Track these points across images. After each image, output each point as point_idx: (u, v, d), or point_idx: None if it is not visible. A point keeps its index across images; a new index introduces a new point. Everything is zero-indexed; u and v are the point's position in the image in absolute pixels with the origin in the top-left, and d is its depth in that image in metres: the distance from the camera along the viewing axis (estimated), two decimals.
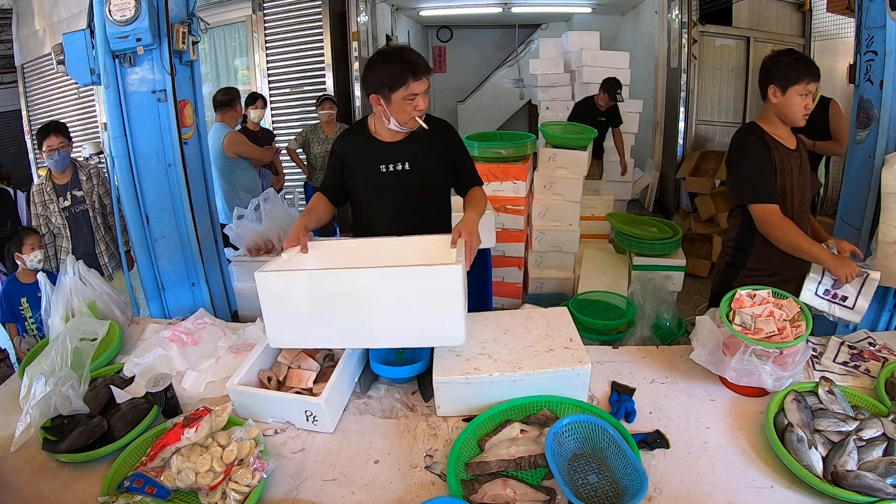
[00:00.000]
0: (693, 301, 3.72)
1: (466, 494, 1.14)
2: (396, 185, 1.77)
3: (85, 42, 1.92)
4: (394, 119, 1.66)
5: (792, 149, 1.80)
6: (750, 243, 1.84)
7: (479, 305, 2.88)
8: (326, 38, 5.30)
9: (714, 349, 1.48)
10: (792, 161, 1.78)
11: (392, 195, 1.78)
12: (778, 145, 1.77)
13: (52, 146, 2.65)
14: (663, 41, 5.43)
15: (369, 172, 1.77)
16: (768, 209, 1.73)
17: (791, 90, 1.70)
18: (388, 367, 1.56)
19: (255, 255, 2.70)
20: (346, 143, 1.81)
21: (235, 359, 1.69)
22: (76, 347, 1.58)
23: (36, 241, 2.47)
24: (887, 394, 1.41)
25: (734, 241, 1.91)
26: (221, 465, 1.17)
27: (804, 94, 1.69)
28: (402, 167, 1.76)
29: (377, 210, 1.82)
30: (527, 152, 3.20)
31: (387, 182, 1.77)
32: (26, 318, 2.52)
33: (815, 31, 5.08)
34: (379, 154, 1.76)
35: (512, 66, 8.99)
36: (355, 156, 1.78)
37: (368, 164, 1.76)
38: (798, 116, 1.73)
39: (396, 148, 1.76)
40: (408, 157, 1.76)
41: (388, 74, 1.59)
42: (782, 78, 1.71)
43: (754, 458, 1.26)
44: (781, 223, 1.72)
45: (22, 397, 1.48)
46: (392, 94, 1.60)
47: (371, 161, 1.76)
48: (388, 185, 1.77)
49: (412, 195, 1.80)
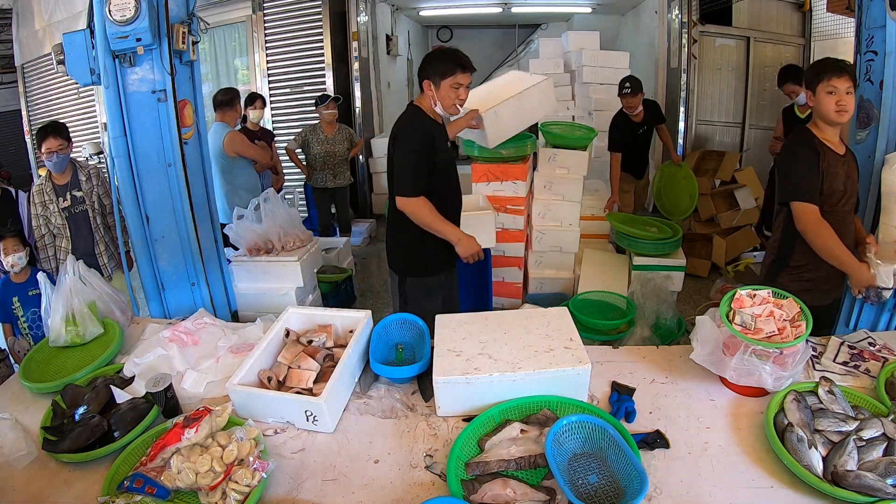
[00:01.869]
0: (693, 301, 3.72)
1: (466, 494, 1.14)
2: (454, 157, 2.18)
3: (85, 42, 1.92)
4: (440, 103, 2.00)
5: (840, 154, 1.83)
6: (793, 241, 1.88)
7: (479, 305, 2.89)
8: (326, 38, 5.30)
9: (714, 349, 1.48)
10: (839, 166, 1.81)
11: (454, 166, 2.17)
12: (827, 150, 1.80)
13: (51, 148, 2.64)
14: (663, 41, 5.43)
15: (446, 150, 2.11)
16: (808, 209, 1.77)
17: (818, 89, 1.77)
18: (388, 367, 1.56)
19: (255, 255, 2.71)
20: (427, 129, 2.01)
21: (235, 359, 1.69)
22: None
23: (10, 245, 2.40)
24: (887, 394, 1.41)
25: (779, 240, 1.95)
26: (221, 465, 1.17)
27: (831, 91, 1.75)
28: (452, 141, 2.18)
29: (450, 181, 2.15)
30: (527, 152, 3.20)
31: (452, 156, 2.17)
32: (18, 317, 2.52)
33: (815, 31, 5.07)
34: (445, 133, 2.14)
35: (512, 66, 8.98)
36: (438, 137, 2.05)
37: (444, 143, 2.11)
38: (830, 113, 1.77)
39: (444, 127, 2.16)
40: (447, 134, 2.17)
41: (441, 65, 1.94)
42: (811, 80, 1.80)
43: (754, 458, 1.26)
44: (818, 225, 1.76)
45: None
46: (442, 81, 1.94)
47: (444, 140, 2.12)
48: (453, 158, 2.17)
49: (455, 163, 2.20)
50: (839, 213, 1.82)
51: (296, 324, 1.76)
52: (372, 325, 1.69)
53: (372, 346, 1.62)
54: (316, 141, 4.29)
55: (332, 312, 1.76)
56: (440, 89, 1.96)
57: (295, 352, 1.59)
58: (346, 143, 4.40)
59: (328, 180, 4.38)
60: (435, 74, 1.95)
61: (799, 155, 1.81)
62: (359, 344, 1.58)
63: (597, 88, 5.13)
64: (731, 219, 4.29)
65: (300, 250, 2.78)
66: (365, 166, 5.89)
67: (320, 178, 4.38)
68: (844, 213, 1.85)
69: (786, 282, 1.86)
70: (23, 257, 2.43)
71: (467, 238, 2.05)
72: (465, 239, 2.05)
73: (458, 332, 1.58)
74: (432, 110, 2.04)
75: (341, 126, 4.42)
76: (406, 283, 2.19)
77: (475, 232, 2.11)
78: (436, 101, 1.99)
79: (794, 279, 1.89)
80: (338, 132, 4.35)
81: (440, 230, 2.01)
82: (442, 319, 1.66)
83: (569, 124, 4.13)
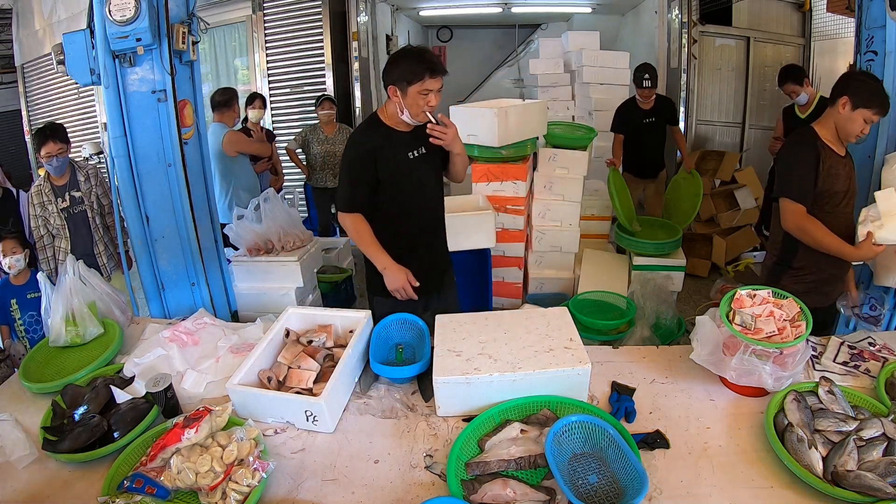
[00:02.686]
0: (693, 301, 3.72)
1: (466, 494, 1.14)
2: (421, 168, 1.91)
3: (85, 42, 1.92)
4: (407, 111, 1.79)
5: (842, 155, 1.84)
6: (796, 243, 1.88)
7: (479, 305, 2.89)
8: (326, 38, 5.29)
9: (714, 349, 1.48)
10: (840, 167, 1.82)
11: (419, 177, 1.92)
12: (829, 151, 1.81)
13: (50, 153, 2.64)
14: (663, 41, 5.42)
15: (402, 160, 1.87)
16: (795, 208, 1.79)
17: (860, 110, 1.76)
18: (388, 367, 1.56)
19: (255, 255, 2.71)
20: (372, 140, 1.84)
21: (235, 359, 1.69)
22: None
23: (9, 247, 2.41)
24: (887, 394, 1.41)
25: (781, 243, 1.95)
26: (221, 465, 1.17)
27: (868, 121, 1.77)
28: (421, 151, 1.89)
29: (410, 194, 1.91)
30: (527, 152, 3.20)
31: (414, 166, 1.89)
32: (15, 319, 2.51)
33: (815, 31, 5.07)
34: (404, 143, 1.88)
35: (512, 66, 8.98)
36: (386, 148, 1.84)
37: (400, 153, 1.87)
38: (853, 135, 1.79)
39: (413, 135, 1.89)
40: (422, 142, 1.88)
41: (408, 70, 1.73)
42: (859, 97, 1.76)
43: (754, 458, 1.26)
44: (804, 221, 1.78)
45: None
46: (409, 87, 1.73)
47: (402, 150, 1.87)
48: (415, 169, 1.90)
49: (431, 174, 1.97)
50: (841, 214, 1.83)
51: (296, 324, 1.76)
52: (372, 325, 1.69)
53: (372, 346, 1.62)
54: (316, 141, 4.29)
55: (332, 312, 1.76)
56: (407, 96, 1.74)
57: (295, 352, 1.59)
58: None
59: (328, 180, 4.38)
60: (400, 80, 1.74)
61: (800, 155, 1.82)
62: (359, 344, 1.58)
63: (597, 88, 5.12)
64: (731, 219, 4.30)
65: (300, 250, 2.78)
66: None
67: (320, 178, 4.38)
68: (846, 215, 1.85)
69: (788, 284, 1.85)
70: (21, 259, 2.43)
71: (396, 270, 1.83)
72: (393, 270, 1.83)
73: (458, 332, 1.58)
74: (396, 118, 1.84)
75: (341, 126, 4.42)
76: (374, 301, 2.00)
77: (475, 232, 2.10)
78: (402, 109, 1.79)
79: (797, 281, 1.89)
80: (338, 132, 4.35)
81: (369, 253, 1.86)
82: (442, 319, 1.66)
83: (569, 124, 4.13)
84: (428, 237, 2.02)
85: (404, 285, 1.84)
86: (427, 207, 1.99)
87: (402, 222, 1.92)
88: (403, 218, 1.92)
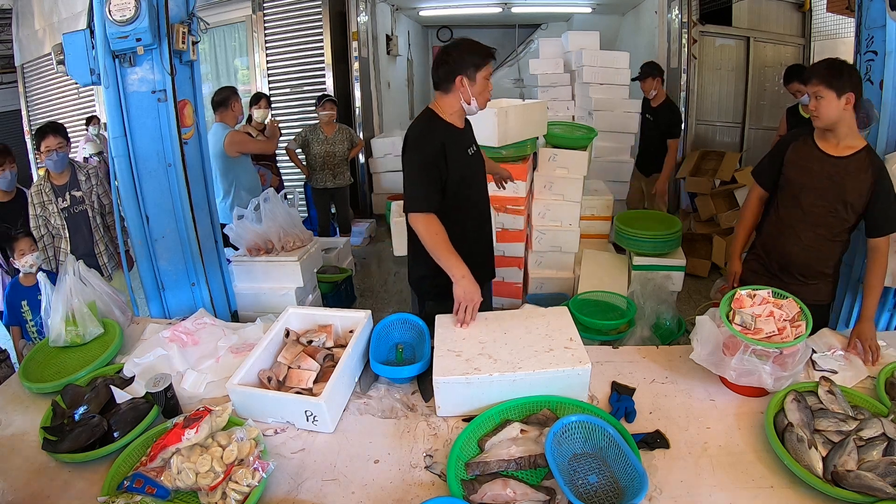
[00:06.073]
0: (693, 301, 3.72)
1: (466, 494, 1.14)
2: (476, 164, 1.93)
3: (85, 42, 1.92)
4: (475, 100, 1.77)
5: (835, 156, 1.76)
6: (761, 224, 1.99)
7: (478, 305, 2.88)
8: (326, 38, 5.30)
9: (714, 349, 1.48)
10: (815, 163, 1.78)
11: (477, 175, 1.94)
12: (811, 145, 1.81)
13: (50, 146, 2.65)
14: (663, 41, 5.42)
15: (464, 158, 1.85)
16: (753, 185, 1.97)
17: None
18: (388, 367, 1.56)
19: (255, 255, 2.71)
20: (440, 137, 1.77)
21: (235, 359, 1.69)
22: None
23: (26, 246, 2.44)
24: (887, 394, 1.41)
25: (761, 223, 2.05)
26: (221, 465, 1.17)
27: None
28: (473, 150, 1.91)
29: (468, 192, 1.90)
30: (527, 152, 3.20)
31: (472, 164, 1.90)
32: (27, 320, 2.52)
33: (815, 31, 5.08)
34: (463, 140, 1.87)
35: (512, 66, 8.98)
36: (451, 145, 1.79)
37: (462, 150, 1.85)
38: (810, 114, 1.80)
39: (466, 132, 1.90)
40: (472, 140, 1.92)
41: (474, 57, 1.72)
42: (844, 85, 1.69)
43: (754, 458, 1.26)
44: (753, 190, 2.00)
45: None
46: (477, 73, 1.73)
47: (463, 146, 1.86)
48: (473, 166, 1.91)
49: (482, 170, 1.99)
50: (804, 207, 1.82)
51: (296, 324, 1.76)
52: (372, 325, 1.69)
53: (372, 346, 1.62)
54: (316, 141, 4.29)
55: (332, 312, 1.76)
56: (476, 83, 1.73)
57: (295, 352, 1.59)
58: (346, 144, 4.40)
59: (328, 180, 4.38)
60: (470, 67, 1.71)
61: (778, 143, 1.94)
62: (359, 344, 1.58)
63: (597, 88, 5.12)
64: (731, 219, 4.29)
65: (300, 250, 2.78)
66: (365, 166, 5.89)
67: (320, 178, 4.38)
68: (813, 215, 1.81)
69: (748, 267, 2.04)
70: (39, 256, 2.48)
71: (472, 282, 1.65)
72: (470, 282, 1.65)
73: (458, 332, 1.58)
74: (454, 114, 1.81)
75: (341, 126, 4.42)
76: (426, 307, 1.94)
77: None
78: (470, 99, 1.76)
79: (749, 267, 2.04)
80: (338, 132, 4.35)
81: (443, 259, 1.68)
82: (442, 319, 1.66)
83: (569, 124, 4.12)
84: (475, 243, 1.97)
85: (476, 302, 1.64)
86: (479, 211, 1.99)
87: (454, 228, 1.76)
88: (456, 224, 1.79)
